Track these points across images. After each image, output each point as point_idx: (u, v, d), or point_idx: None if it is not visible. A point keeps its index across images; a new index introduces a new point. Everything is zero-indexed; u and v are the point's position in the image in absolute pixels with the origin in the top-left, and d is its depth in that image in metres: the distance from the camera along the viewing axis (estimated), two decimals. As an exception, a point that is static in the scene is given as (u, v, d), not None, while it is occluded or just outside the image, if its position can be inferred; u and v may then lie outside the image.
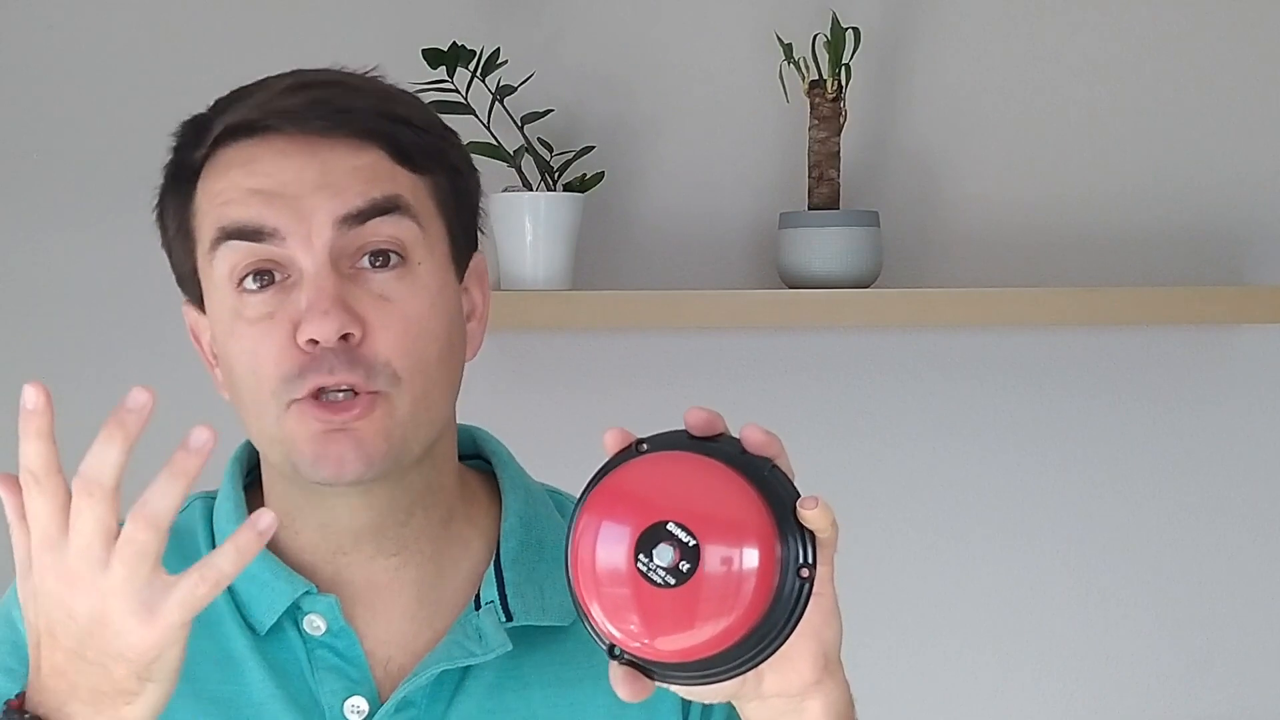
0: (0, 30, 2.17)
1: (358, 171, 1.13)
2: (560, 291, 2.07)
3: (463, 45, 2.06)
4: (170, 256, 1.20)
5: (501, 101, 2.09)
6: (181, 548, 1.20)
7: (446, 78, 2.04)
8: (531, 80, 2.13)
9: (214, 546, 1.20)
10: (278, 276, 1.12)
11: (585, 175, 2.14)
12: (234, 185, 1.13)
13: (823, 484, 1.03)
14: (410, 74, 1.70)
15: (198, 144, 1.16)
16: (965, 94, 2.23)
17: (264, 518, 0.95)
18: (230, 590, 1.17)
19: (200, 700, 1.15)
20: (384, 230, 1.12)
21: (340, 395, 1.11)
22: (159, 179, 1.20)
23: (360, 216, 1.12)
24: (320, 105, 1.14)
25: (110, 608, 0.94)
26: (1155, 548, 2.27)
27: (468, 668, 1.17)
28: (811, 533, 0.97)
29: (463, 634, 1.17)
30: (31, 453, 0.95)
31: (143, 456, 0.94)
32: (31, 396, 0.94)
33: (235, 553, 0.94)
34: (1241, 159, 2.24)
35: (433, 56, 2.05)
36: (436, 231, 1.16)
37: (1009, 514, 2.26)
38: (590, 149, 2.14)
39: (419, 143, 1.16)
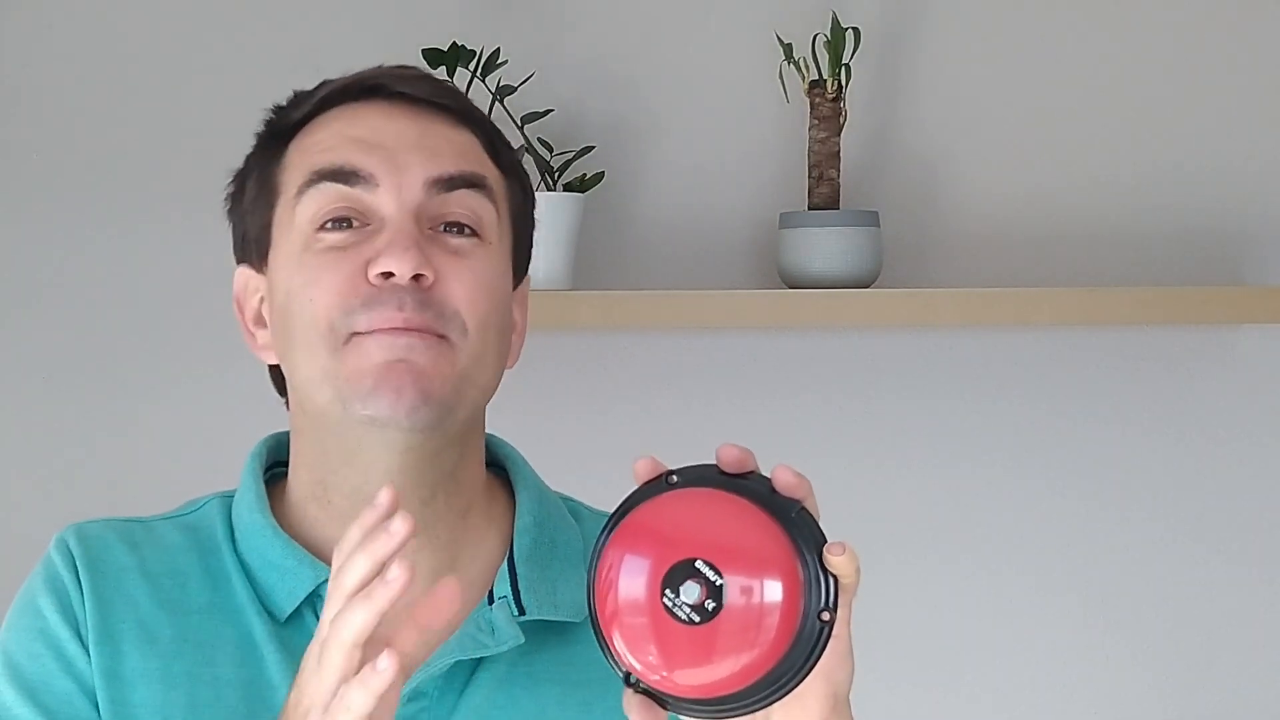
0: (8, 32, 2.17)
1: (454, 143, 1.19)
2: (560, 291, 2.07)
3: (463, 45, 2.07)
4: (245, 220, 1.23)
5: (501, 101, 2.09)
6: (199, 544, 1.22)
7: (446, 78, 2.04)
8: (531, 80, 2.13)
9: (234, 542, 1.21)
10: (356, 223, 1.16)
11: (585, 175, 2.14)
12: (335, 134, 1.18)
13: (821, 484, 1.03)
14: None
15: (298, 107, 1.21)
16: (965, 94, 2.23)
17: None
18: (250, 578, 1.19)
19: (218, 685, 1.16)
20: (468, 203, 1.18)
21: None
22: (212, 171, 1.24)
23: (451, 183, 1.17)
24: (428, 79, 1.24)
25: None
26: (1155, 548, 2.27)
27: (479, 661, 1.18)
28: (835, 576, 0.99)
29: (475, 627, 1.18)
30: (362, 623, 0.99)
31: (149, 458, 0.94)
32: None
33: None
34: (1241, 159, 2.24)
35: (433, 56, 2.05)
36: (506, 229, 1.22)
37: (1009, 514, 2.26)
38: (590, 149, 2.15)
39: (505, 151, 1.24)
